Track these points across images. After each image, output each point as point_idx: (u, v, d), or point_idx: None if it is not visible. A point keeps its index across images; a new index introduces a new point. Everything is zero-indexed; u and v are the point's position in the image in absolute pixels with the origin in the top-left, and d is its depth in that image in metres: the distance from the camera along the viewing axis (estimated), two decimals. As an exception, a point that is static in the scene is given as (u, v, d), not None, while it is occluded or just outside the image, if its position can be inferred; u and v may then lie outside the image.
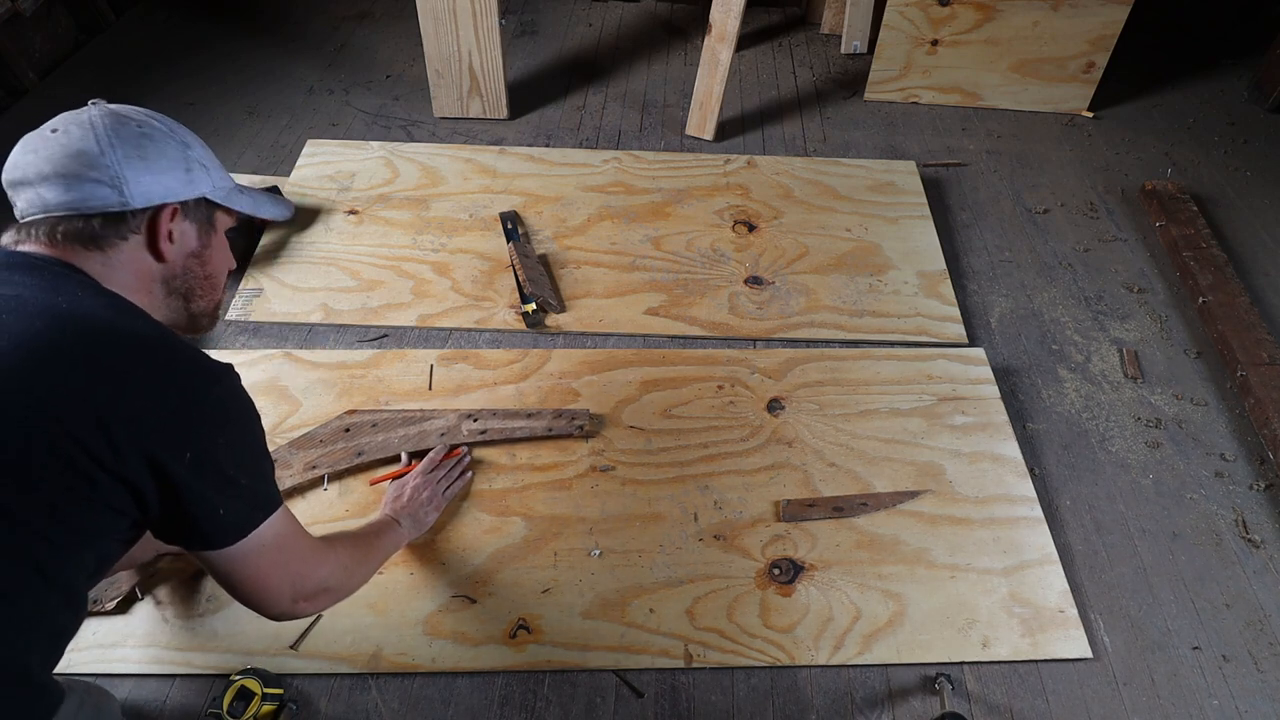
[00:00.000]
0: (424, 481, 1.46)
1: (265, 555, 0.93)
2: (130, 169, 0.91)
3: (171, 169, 0.95)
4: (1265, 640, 1.40)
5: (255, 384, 1.68)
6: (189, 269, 0.98)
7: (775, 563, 1.45)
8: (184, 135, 1.00)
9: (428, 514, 1.43)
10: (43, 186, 0.88)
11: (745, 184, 2.26)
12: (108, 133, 0.91)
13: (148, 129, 0.94)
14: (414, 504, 1.41)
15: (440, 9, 2.28)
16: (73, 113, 0.93)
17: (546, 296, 1.88)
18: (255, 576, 0.93)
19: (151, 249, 0.94)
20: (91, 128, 0.91)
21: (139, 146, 0.92)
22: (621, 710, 1.29)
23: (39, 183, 0.89)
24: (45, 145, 0.90)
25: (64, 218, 0.88)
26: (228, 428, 0.88)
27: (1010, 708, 1.31)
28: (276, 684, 1.25)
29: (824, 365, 1.78)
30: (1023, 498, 1.56)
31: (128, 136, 0.92)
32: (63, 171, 0.88)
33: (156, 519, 0.86)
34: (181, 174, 0.96)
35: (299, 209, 2.09)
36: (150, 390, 0.82)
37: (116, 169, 0.90)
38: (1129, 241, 2.19)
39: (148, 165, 0.92)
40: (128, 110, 0.96)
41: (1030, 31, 2.51)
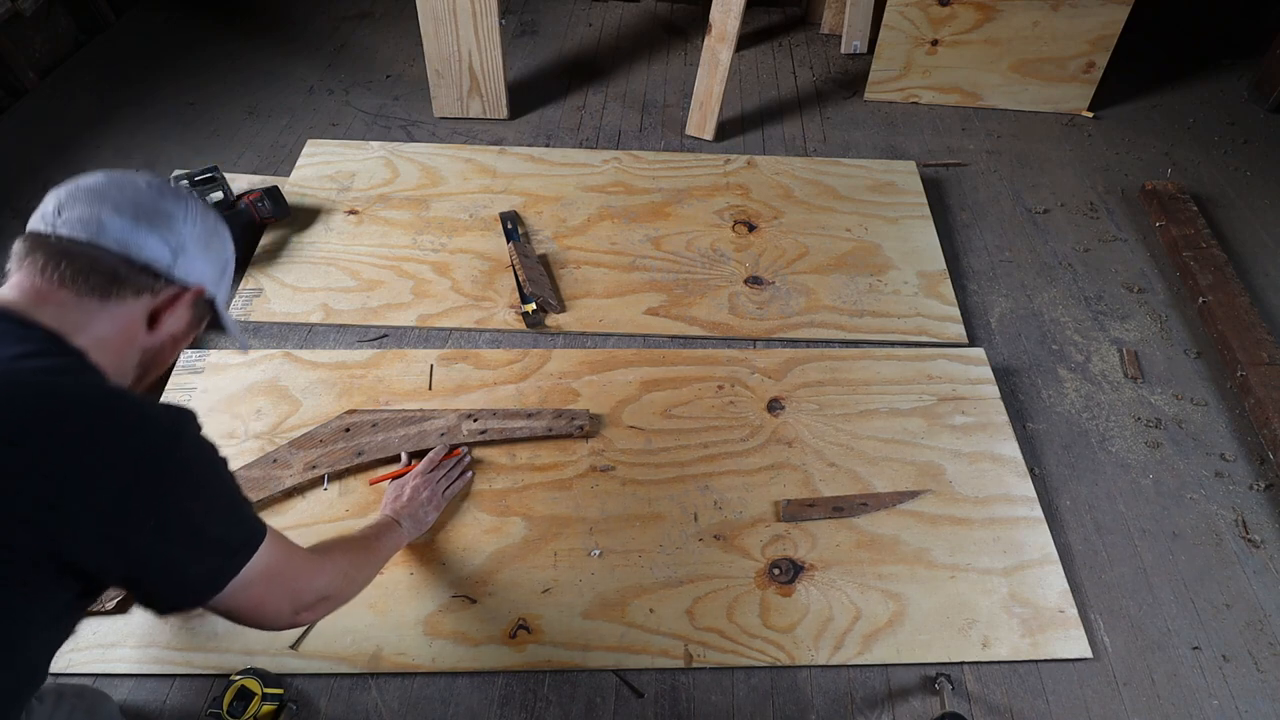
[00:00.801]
0: (424, 481, 1.46)
1: (255, 588, 0.90)
2: (195, 245, 0.94)
3: (216, 263, 0.99)
4: (1265, 640, 1.40)
5: (255, 384, 1.68)
6: (163, 348, 0.96)
7: (775, 563, 1.45)
8: (230, 247, 1.04)
9: (428, 514, 1.43)
10: (110, 212, 0.88)
11: (745, 184, 2.26)
12: (196, 209, 0.95)
13: (221, 229, 1.00)
14: (414, 504, 1.41)
15: (440, 9, 2.28)
16: (167, 181, 0.97)
17: (546, 296, 1.88)
18: (249, 607, 0.92)
19: (153, 317, 0.92)
20: (184, 199, 0.94)
21: (211, 234, 0.97)
22: (621, 710, 1.29)
23: (109, 207, 0.88)
24: (133, 185, 0.92)
25: (104, 251, 0.86)
26: (192, 486, 0.83)
27: (1010, 708, 1.31)
28: (276, 684, 1.25)
29: (824, 365, 1.78)
30: (1023, 498, 1.56)
31: (208, 222, 0.96)
32: (142, 212, 0.89)
33: (119, 585, 0.83)
34: (218, 272, 1.00)
35: (299, 209, 2.10)
36: (102, 464, 0.76)
37: (185, 239, 0.93)
38: (1129, 241, 2.19)
39: (206, 251, 0.96)
40: (210, 206, 1.01)
41: (1030, 31, 2.51)
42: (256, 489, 1.47)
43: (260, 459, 1.52)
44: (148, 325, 0.92)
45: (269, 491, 1.47)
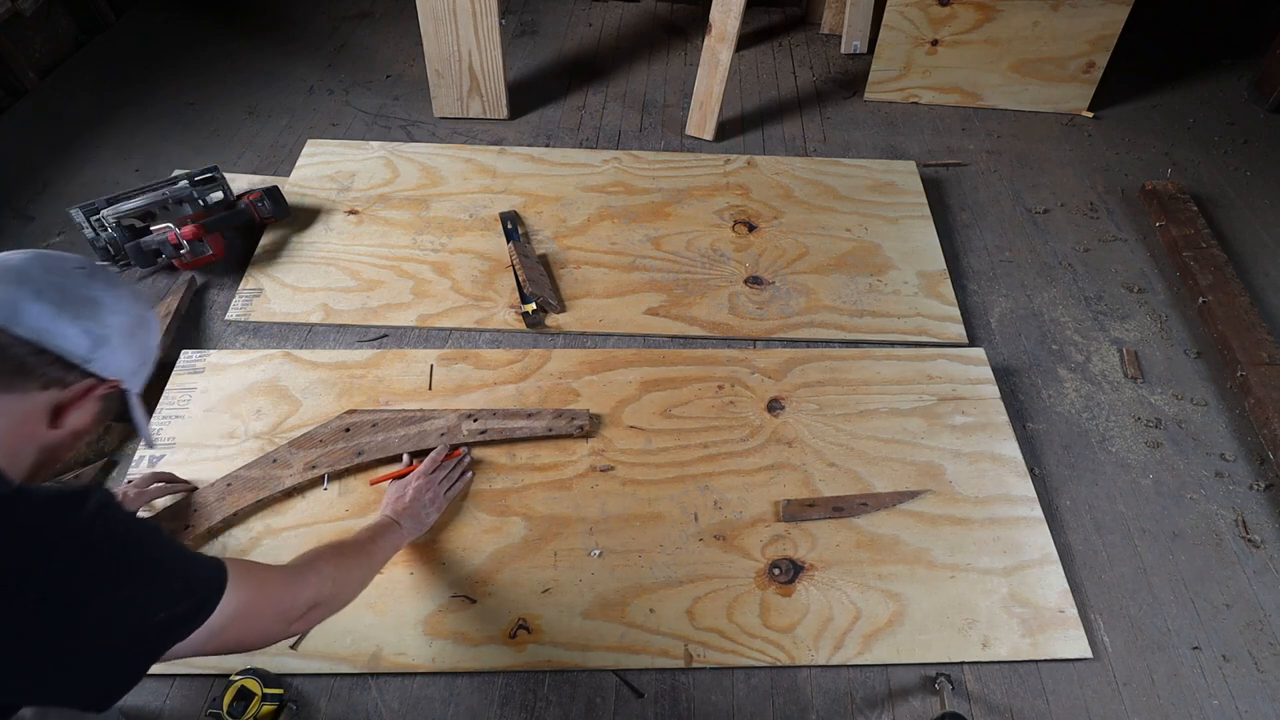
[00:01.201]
0: (426, 482, 1.46)
1: (230, 629, 0.84)
2: (119, 336, 0.86)
3: (138, 354, 0.91)
4: (1265, 640, 1.40)
5: (255, 384, 1.68)
6: (62, 444, 0.87)
7: (775, 563, 1.44)
8: (156, 335, 0.97)
9: (429, 514, 1.42)
10: (30, 297, 0.80)
11: (745, 184, 2.26)
12: (125, 296, 0.88)
13: (149, 317, 0.93)
14: (416, 504, 1.41)
15: (440, 9, 2.28)
16: (101, 265, 0.91)
17: (546, 296, 1.88)
18: (232, 643, 0.87)
19: (56, 414, 0.84)
20: (114, 285, 0.87)
21: (138, 323, 0.90)
22: (621, 710, 1.29)
23: (29, 291, 0.80)
24: (61, 267, 0.84)
25: (14, 340, 0.78)
26: (113, 575, 0.74)
27: (1010, 708, 1.31)
28: (276, 684, 1.25)
29: (824, 365, 1.78)
30: (1023, 498, 1.56)
31: (136, 309, 0.89)
32: (66, 299, 0.82)
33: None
34: (138, 362, 0.91)
35: (299, 209, 2.10)
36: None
37: (110, 330, 0.85)
38: (1129, 241, 2.19)
39: (130, 341, 0.88)
40: (138, 294, 0.94)
41: (1030, 31, 2.51)
42: (256, 489, 1.47)
43: (260, 459, 1.52)
44: (50, 421, 0.83)
45: (269, 491, 1.47)
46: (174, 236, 1.84)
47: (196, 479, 1.50)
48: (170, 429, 1.60)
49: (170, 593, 0.80)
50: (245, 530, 1.45)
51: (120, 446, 1.61)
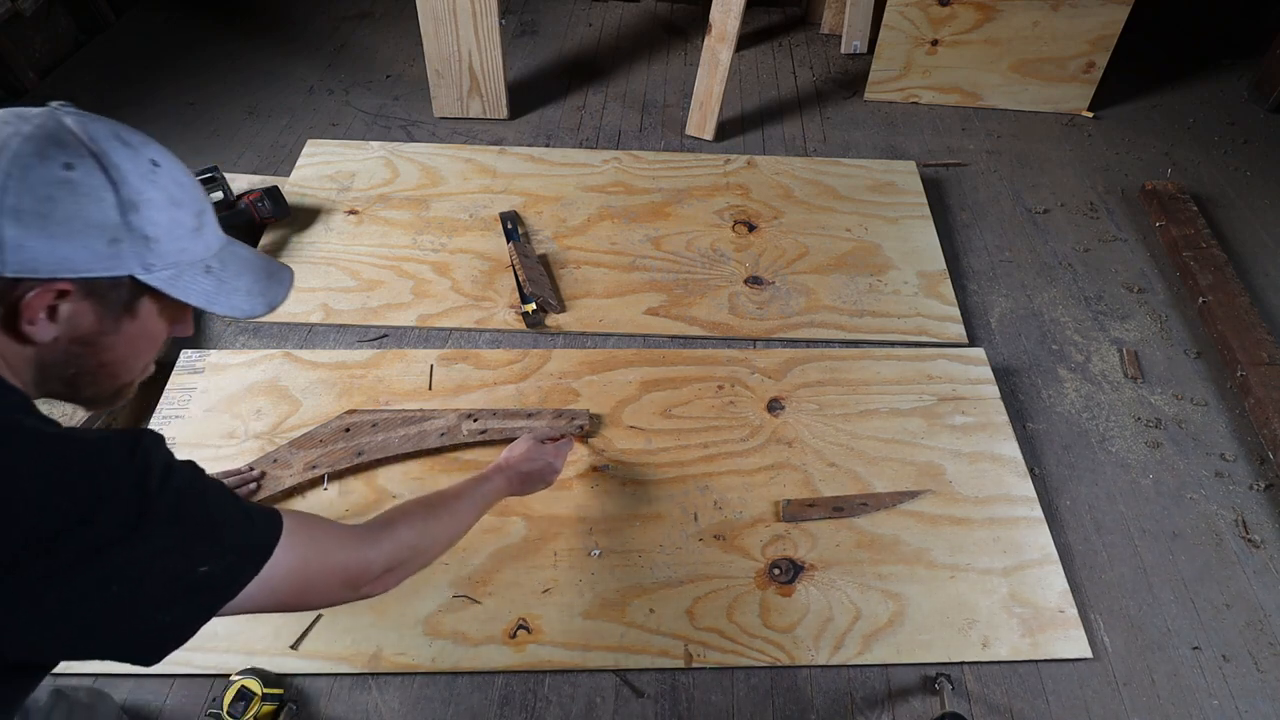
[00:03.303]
0: (535, 446, 1.37)
1: (284, 588, 0.78)
2: (16, 225, 0.66)
3: (83, 235, 0.69)
4: (1265, 640, 1.40)
5: (255, 384, 1.68)
6: (73, 355, 0.74)
7: (775, 563, 1.45)
8: (144, 190, 0.73)
9: (538, 474, 1.34)
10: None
11: (745, 184, 2.26)
12: (14, 164, 0.66)
13: (76, 175, 0.68)
14: (525, 460, 1.32)
15: (440, 9, 2.28)
16: (11, 118, 0.69)
17: (546, 296, 1.88)
18: (290, 602, 0.79)
19: (7, 328, 0.69)
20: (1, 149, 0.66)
21: (46, 199, 0.67)
22: (621, 710, 1.29)
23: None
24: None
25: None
26: (157, 521, 0.68)
27: (1010, 708, 1.31)
28: (276, 684, 1.26)
29: (824, 365, 1.78)
30: (1023, 498, 1.56)
31: (36, 181, 0.66)
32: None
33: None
34: (99, 244, 0.69)
35: (299, 209, 2.10)
36: (40, 532, 0.61)
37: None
38: (1129, 241, 2.19)
39: (45, 225, 0.67)
40: (80, 133, 0.70)
41: (1030, 31, 2.51)
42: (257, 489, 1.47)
43: (260, 459, 1.52)
44: (12, 336, 0.70)
45: (269, 491, 1.47)
46: (174, 236, 1.83)
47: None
48: (170, 429, 1.60)
49: (219, 545, 0.72)
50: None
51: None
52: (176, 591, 0.69)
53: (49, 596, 0.62)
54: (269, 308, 0.85)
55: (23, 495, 0.62)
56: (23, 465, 0.63)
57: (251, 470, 1.48)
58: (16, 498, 0.62)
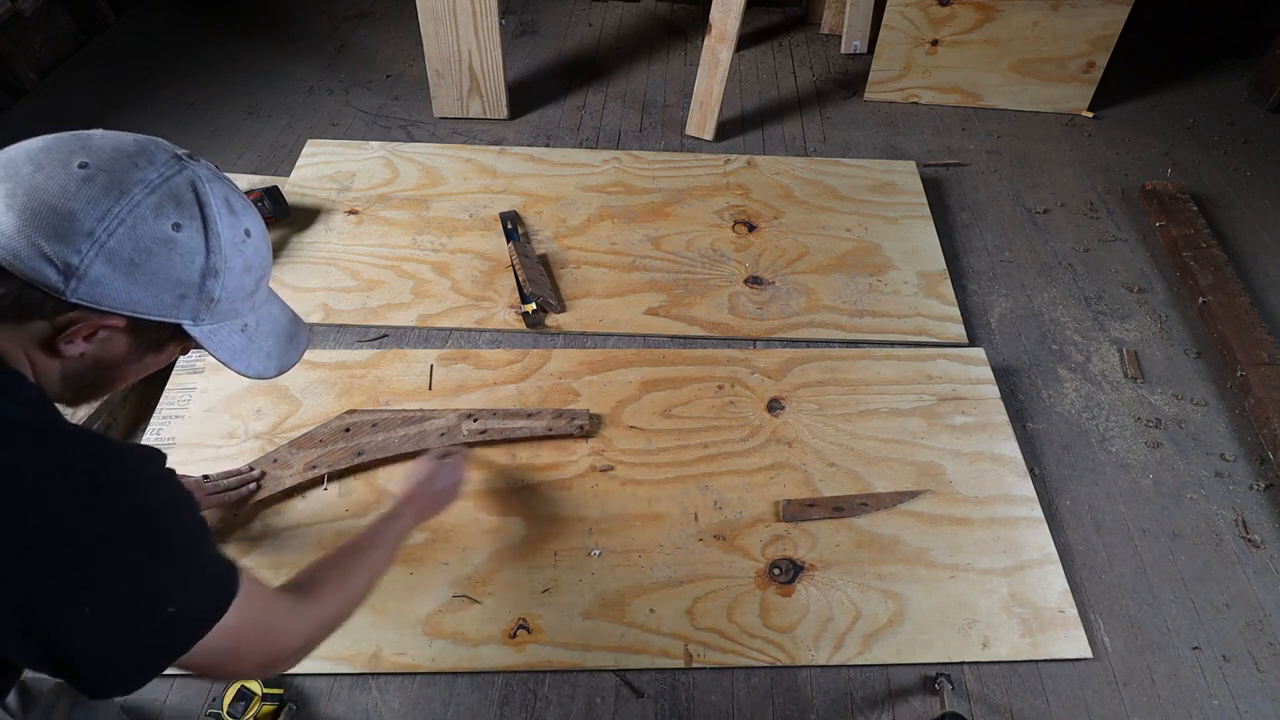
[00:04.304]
0: (434, 465, 1.32)
1: (216, 651, 0.73)
2: (102, 266, 0.68)
3: (160, 287, 0.72)
4: (1265, 640, 1.40)
5: (255, 384, 1.68)
6: (91, 372, 0.76)
7: (775, 563, 1.44)
8: (231, 259, 0.76)
9: (443, 493, 1.29)
10: (1, 205, 0.66)
11: (745, 184, 2.26)
12: (130, 214, 0.69)
13: (181, 236, 0.72)
14: (427, 484, 1.27)
15: (440, 9, 2.28)
16: (138, 155, 0.71)
17: (546, 296, 1.88)
18: (203, 666, 0.74)
19: (47, 345, 0.71)
20: (112, 197, 0.68)
21: (145, 251, 0.70)
22: (621, 710, 1.29)
23: (4, 198, 0.66)
24: (56, 163, 0.68)
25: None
26: (146, 547, 0.68)
27: (1010, 708, 1.31)
28: (276, 684, 1.26)
29: (824, 365, 1.78)
30: (1023, 498, 1.56)
31: (144, 234, 0.69)
32: (37, 212, 0.66)
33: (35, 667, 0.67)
34: (169, 296, 0.73)
35: (299, 209, 2.10)
36: (25, 526, 0.61)
37: (88, 259, 0.67)
38: (1129, 241, 2.19)
39: (132, 272, 0.69)
40: (199, 193, 0.73)
41: (1030, 31, 2.51)
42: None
43: (260, 459, 1.52)
44: (46, 350, 0.72)
45: (269, 491, 1.47)
46: (174, 236, 1.84)
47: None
48: (170, 429, 1.60)
49: (187, 586, 0.71)
50: (245, 531, 1.45)
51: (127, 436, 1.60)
52: (153, 621, 0.68)
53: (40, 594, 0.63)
54: (279, 371, 0.89)
55: (57, 489, 0.64)
56: (67, 462, 0.66)
57: (251, 470, 1.48)
58: (58, 489, 0.64)
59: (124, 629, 0.67)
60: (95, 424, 1.59)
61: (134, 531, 0.67)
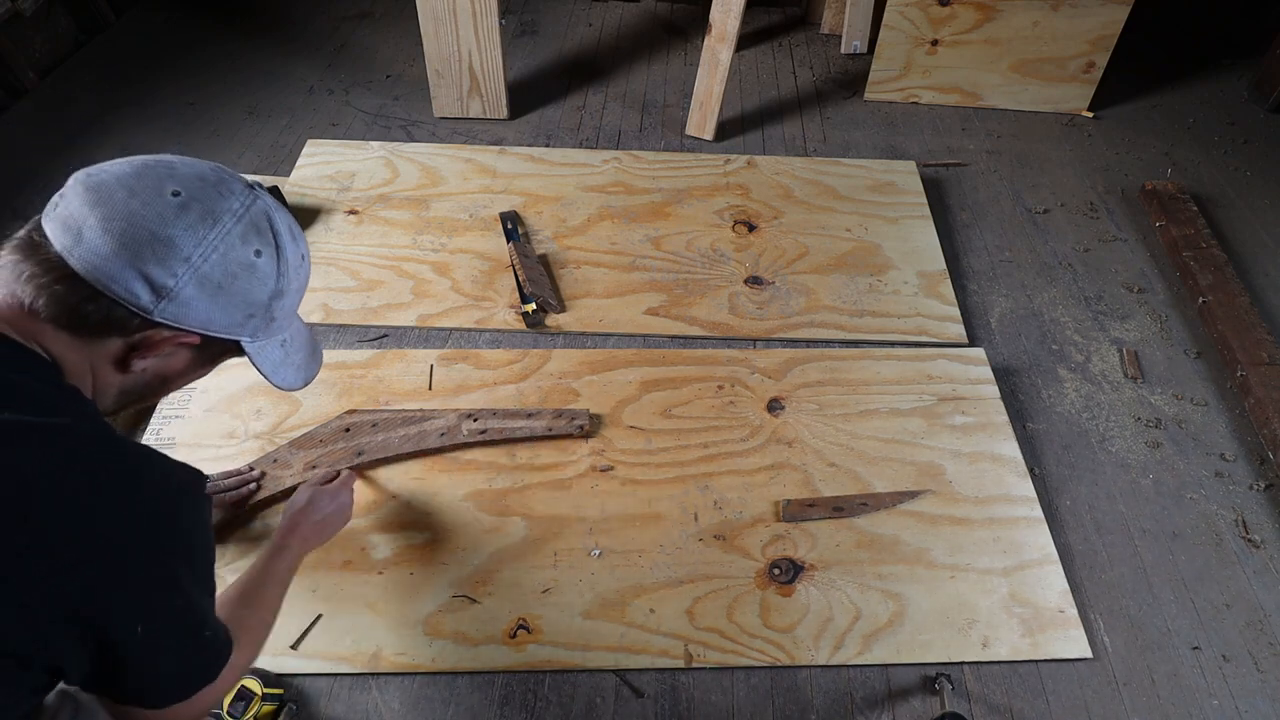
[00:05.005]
0: (316, 492, 1.31)
1: (204, 700, 0.77)
2: (196, 288, 0.73)
3: (236, 307, 0.78)
4: (1265, 640, 1.40)
5: (255, 384, 1.68)
6: (148, 385, 0.81)
7: (775, 563, 1.45)
8: (293, 280, 0.83)
9: (327, 521, 1.27)
10: (97, 226, 0.69)
11: (745, 184, 2.26)
12: (218, 241, 0.74)
13: (260, 262, 0.78)
14: (308, 514, 1.26)
15: (440, 9, 2.28)
16: (220, 184, 0.77)
17: (546, 296, 1.88)
18: (178, 716, 0.77)
19: (120, 361, 0.76)
20: (207, 225, 0.74)
21: (231, 275, 0.76)
22: (621, 710, 1.29)
23: (98, 217, 0.69)
24: (151, 190, 0.72)
25: (73, 277, 0.69)
26: (193, 568, 0.73)
27: (1010, 708, 1.31)
28: (276, 684, 1.26)
29: (824, 365, 1.78)
30: (1023, 498, 1.56)
31: (232, 260, 0.76)
32: (133, 237, 0.70)
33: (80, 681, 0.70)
34: (239, 315, 0.79)
35: (299, 209, 2.10)
36: (87, 540, 0.64)
37: (181, 281, 0.72)
38: (1129, 241, 2.19)
39: (217, 294, 0.76)
40: (272, 222, 0.80)
41: (1030, 31, 2.51)
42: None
43: (260, 459, 1.52)
44: (117, 365, 0.76)
45: (269, 491, 1.47)
46: (174, 236, 1.84)
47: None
48: (170, 429, 1.60)
49: (212, 615, 0.79)
50: (245, 531, 1.45)
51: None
52: (196, 638, 0.74)
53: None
54: (306, 382, 0.96)
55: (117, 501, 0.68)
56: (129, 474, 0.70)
57: (251, 470, 1.48)
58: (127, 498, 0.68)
59: (174, 644, 0.72)
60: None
61: (182, 552, 0.72)
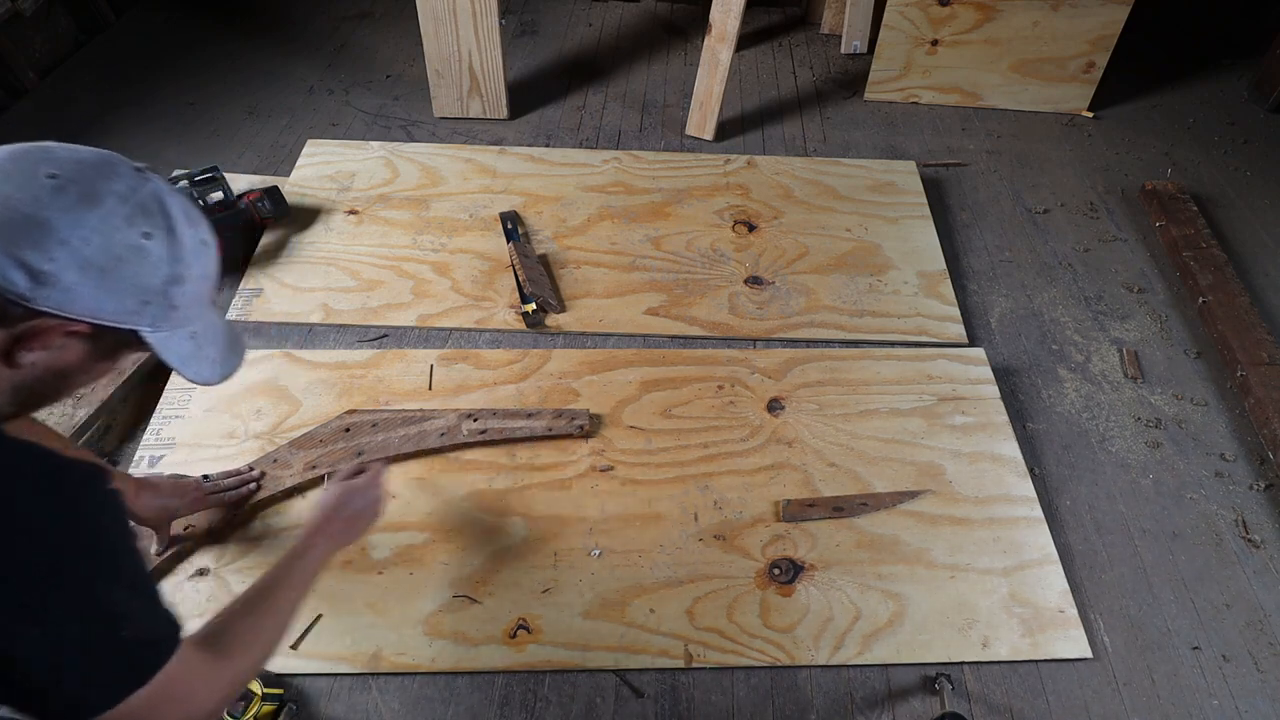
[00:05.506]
0: (345, 488, 1.22)
1: (150, 707, 0.72)
2: (78, 273, 0.69)
3: (126, 293, 0.73)
4: (1265, 640, 1.40)
5: (255, 384, 1.68)
6: (43, 381, 0.76)
7: (775, 563, 1.44)
8: (193, 265, 0.78)
9: (358, 520, 1.20)
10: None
11: (745, 184, 2.26)
12: (97, 224, 0.70)
13: (150, 245, 0.74)
14: (341, 509, 1.18)
15: (440, 9, 2.28)
16: (102, 166, 0.73)
17: (546, 296, 1.88)
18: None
19: (5, 355, 0.71)
20: (84, 208, 0.70)
21: (117, 259, 0.72)
22: (621, 710, 1.29)
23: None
24: (24, 174, 0.69)
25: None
26: (98, 568, 0.69)
27: (1010, 708, 1.31)
28: (276, 684, 1.25)
29: (824, 365, 1.78)
30: (1023, 498, 1.56)
31: (117, 242, 0.72)
32: (8, 219, 0.67)
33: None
34: (132, 302, 0.74)
35: (299, 209, 2.09)
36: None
37: (60, 266, 0.68)
38: (1129, 241, 2.19)
39: (103, 279, 0.71)
40: (164, 203, 0.76)
41: (1030, 31, 2.51)
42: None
43: (260, 459, 1.52)
44: (4, 360, 0.72)
45: (269, 491, 1.47)
46: (174, 236, 1.83)
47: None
48: (170, 429, 1.60)
49: (139, 612, 0.73)
50: (245, 531, 1.45)
51: (120, 446, 1.61)
52: (109, 645, 0.69)
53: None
54: (223, 378, 0.90)
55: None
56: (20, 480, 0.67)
57: (251, 470, 1.48)
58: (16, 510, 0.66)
59: (80, 651, 0.66)
60: (95, 425, 1.59)
61: (84, 550, 0.68)
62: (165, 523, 1.33)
